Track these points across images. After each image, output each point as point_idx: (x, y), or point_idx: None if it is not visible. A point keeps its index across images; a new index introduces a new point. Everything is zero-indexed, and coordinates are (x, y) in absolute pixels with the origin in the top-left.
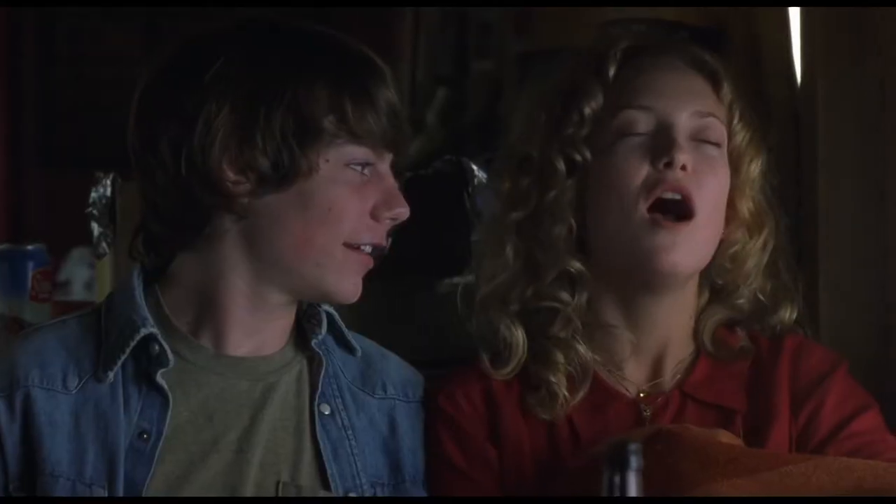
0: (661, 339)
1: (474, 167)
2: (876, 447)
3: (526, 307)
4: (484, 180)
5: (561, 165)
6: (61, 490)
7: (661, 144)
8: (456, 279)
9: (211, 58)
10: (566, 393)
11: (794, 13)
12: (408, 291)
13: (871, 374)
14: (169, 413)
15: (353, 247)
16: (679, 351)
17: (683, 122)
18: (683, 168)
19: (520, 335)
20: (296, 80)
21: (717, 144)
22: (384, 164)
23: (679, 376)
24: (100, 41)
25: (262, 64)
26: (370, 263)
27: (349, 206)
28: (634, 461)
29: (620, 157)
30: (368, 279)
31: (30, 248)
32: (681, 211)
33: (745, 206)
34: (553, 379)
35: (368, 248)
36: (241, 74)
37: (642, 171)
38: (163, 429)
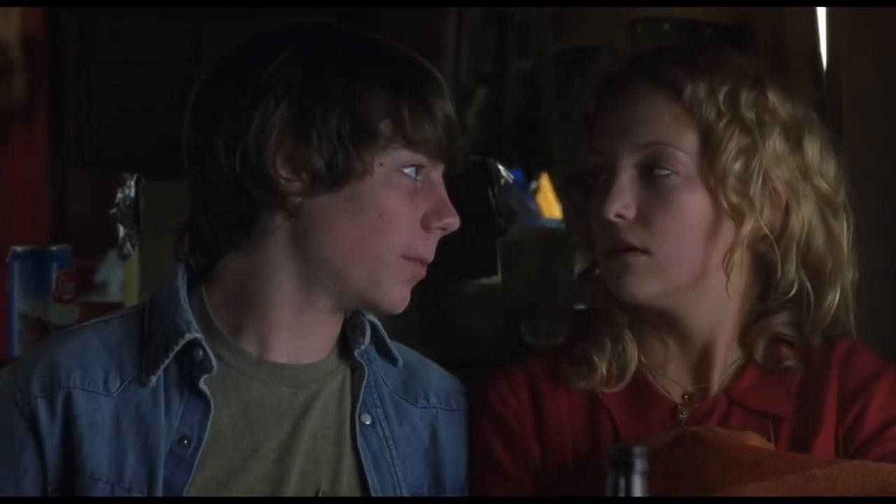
0: (703, 346)
1: (500, 167)
2: None
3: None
4: (510, 181)
5: (575, 197)
6: (100, 493)
7: (601, 197)
8: (482, 280)
9: (269, 56)
10: (604, 372)
11: (821, 12)
12: (433, 293)
13: None
14: (210, 419)
15: (408, 258)
16: (726, 357)
17: (626, 162)
18: (622, 216)
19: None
20: (354, 83)
21: (672, 172)
22: (437, 174)
23: (727, 382)
24: (141, 41)
25: (322, 64)
26: (422, 274)
27: (401, 212)
28: (639, 464)
29: (594, 200)
30: None
31: (53, 248)
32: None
33: (728, 198)
34: (596, 358)
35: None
36: (299, 73)
37: (598, 220)
38: (203, 435)
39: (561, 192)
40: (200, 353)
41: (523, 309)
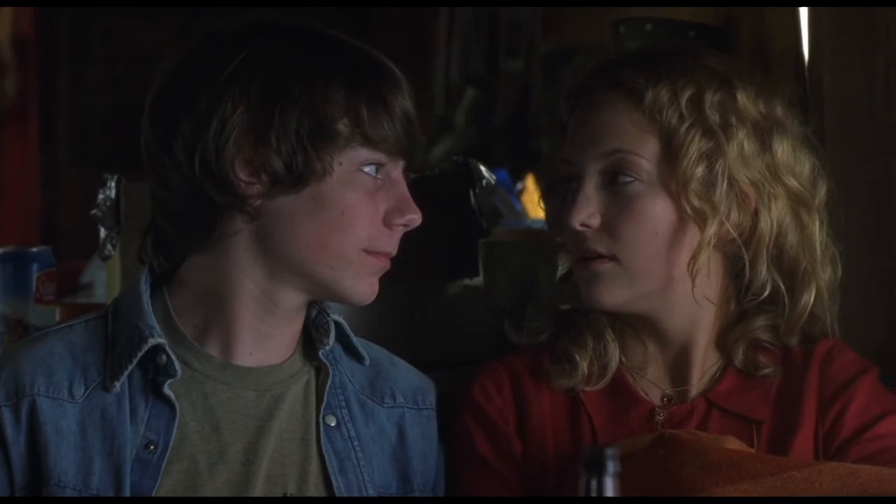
0: (681, 348)
1: (482, 168)
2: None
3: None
4: (493, 181)
5: (555, 203)
6: None
7: (568, 206)
8: (464, 281)
9: (227, 57)
10: (586, 370)
11: (802, 11)
12: (415, 293)
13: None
14: (176, 423)
15: (371, 252)
16: (705, 360)
17: (591, 171)
18: (587, 225)
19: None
20: (312, 82)
21: (635, 179)
22: (397, 170)
23: (706, 385)
24: (134, 41)
25: (279, 64)
26: (388, 266)
27: (362, 210)
28: (612, 466)
29: (565, 208)
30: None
31: (34, 250)
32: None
33: (691, 202)
34: (578, 357)
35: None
36: (257, 74)
37: (566, 229)
38: (170, 440)
39: (543, 198)
40: (164, 357)
41: (506, 309)
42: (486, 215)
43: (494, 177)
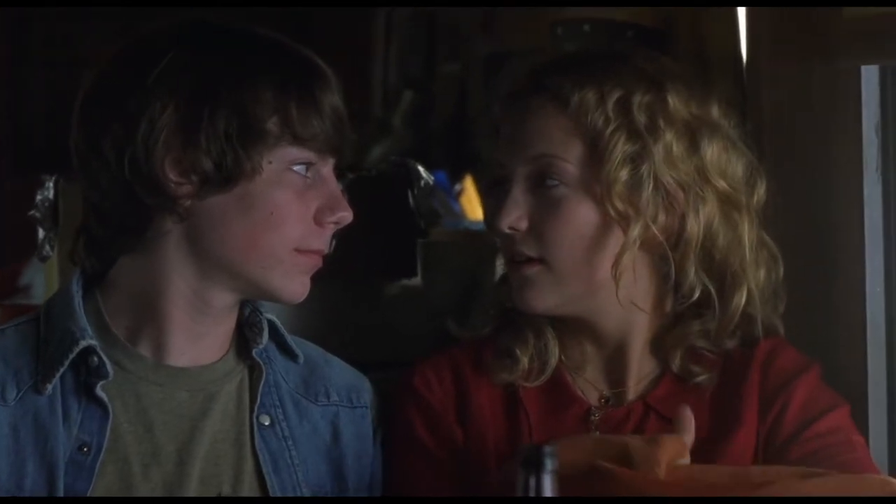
0: (618, 350)
1: (420, 169)
2: (837, 448)
3: None
4: (431, 182)
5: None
6: None
7: (496, 208)
8: (402, 282)
9: (155, 58)
10: (526, 365)
11: (741, 12)
12: (353, 294)
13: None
14: (109, 425)
15: (302, 251)
16: (642, 364)
17: (519, 174)
18: (515, 229)
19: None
20: (240, 82)
21: (561, 182)
22: (327, 168)
23: (643, 389)
24: (76, 44)
25: (207, 64)
26: (319, 264)
27: (292, 209)
28: (549, 463)
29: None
30: (311, 281)
31: None
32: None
33: (615, 205)
34: (518, 352)
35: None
36: (185, 75)
37: (496, 232)
38: (103, 441)
39: (481, 199)
40: (96, 359)
41: (447, 310)
42: (425, 216)
43: (433, 177)
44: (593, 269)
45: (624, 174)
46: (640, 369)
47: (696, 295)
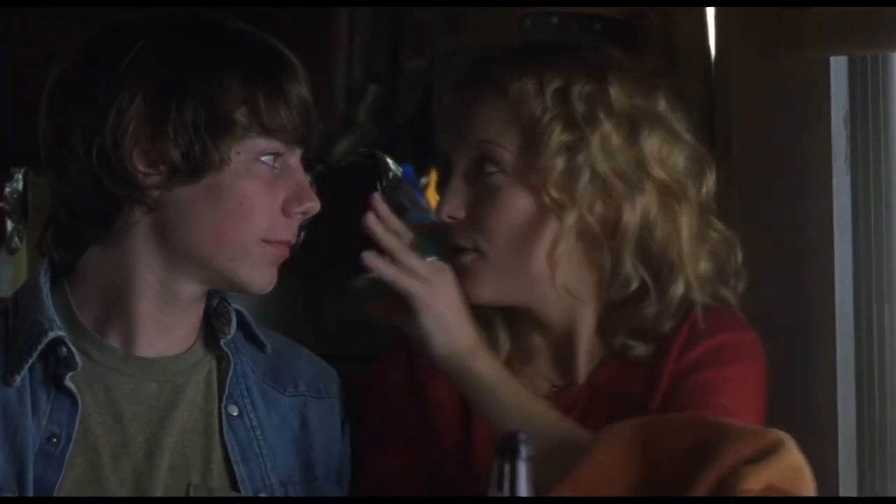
0: (565, 339)
1: (389, 161)
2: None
3: None
4: (399, 174)
5: None
6: None
7: (442, 196)
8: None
9: (124, 48)
10: None
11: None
12: (321, 286)
13: (785, 368)
14: (78, 416)
15: (270, 242)
16: (590, 351)
17: (460, 163)
18: (454, 217)
19: None
20: (209, 73)
21: (499, 170)
22: (294, 158)
23: (590, 373)
24: (47, 39)
25: (176, 55)
26: (286, 254)
27: (260, 200)
28: (524, 450)
29: None
30: (281, 274)
31: None
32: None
33: (550, 194)
34: None
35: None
36: (154, 65)
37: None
38: (72, 432)
39: (437, 190)
40: (65, 350)
41: None
42: (393, 209)
43: (401, 169)
44: (529, 259)
45: (560, 163)
46: (590, 357)
47: (635, 285)
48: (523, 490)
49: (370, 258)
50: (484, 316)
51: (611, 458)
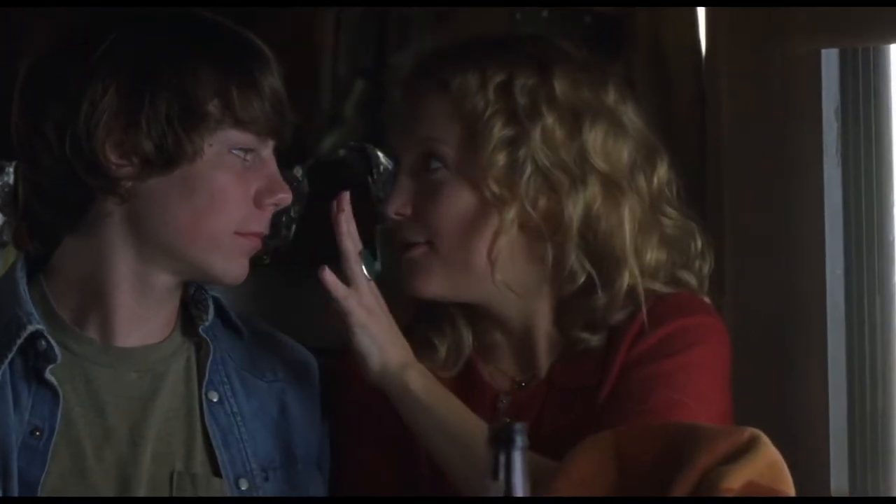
0: (524, 335)
1: (380, 154)
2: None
3: None
4: (390, 168)
5: None
6: None
7: (389, 194)
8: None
9: (98, 39)
10: (444, 355)
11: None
12: (310, 280)
13: (776, 359)
14: (60, 409)
15: (242, 233)
16: (549, 346)
17: (406, 159)
18: (401, 214)
19: None
20: (182, 64)
21: (443, 166)
22: (267, 150)
23: (550, 368)
24: (32, 35)
25: (149, 47)
26: (258, 245)
27: (232, 191)
28: (520, 440)
29: None
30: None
31: None
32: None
33: (491, 188)
34: (436, 341)
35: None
36: (127, 57)
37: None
38: (55, 425)
39: None
40: (44, 343)
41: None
42: (383, 202)
43: (391, 162)
44: (472, 253)
45: (501, 158)
46: (550, 352)
47: (582, 278)
48: (519, 479)
49: (324, 273)
50: (448, 315)
51: (585, 470)
